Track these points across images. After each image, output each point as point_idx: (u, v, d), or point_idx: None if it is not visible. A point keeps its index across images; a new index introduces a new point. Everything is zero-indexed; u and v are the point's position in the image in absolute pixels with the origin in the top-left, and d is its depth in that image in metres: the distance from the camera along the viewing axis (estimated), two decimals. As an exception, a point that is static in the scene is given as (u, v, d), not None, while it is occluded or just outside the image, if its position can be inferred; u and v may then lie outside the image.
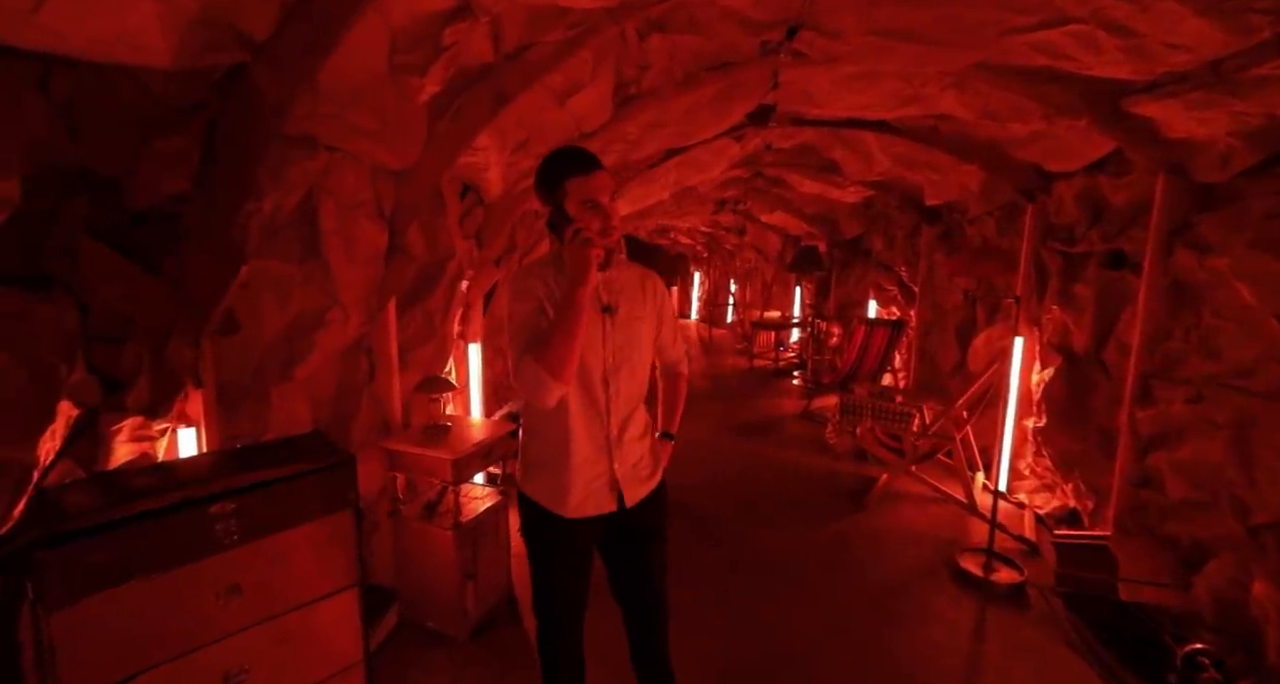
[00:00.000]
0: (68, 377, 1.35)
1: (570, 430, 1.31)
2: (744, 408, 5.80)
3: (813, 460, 4.24)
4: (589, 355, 1.30)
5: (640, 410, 1.44)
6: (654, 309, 1.43)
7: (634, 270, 1.44)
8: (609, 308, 1.34)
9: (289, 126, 1.65)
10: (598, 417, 1.33)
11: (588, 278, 1.18)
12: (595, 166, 1.27)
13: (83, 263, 1.37)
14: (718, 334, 10.94)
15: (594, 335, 1.30)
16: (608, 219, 1.26)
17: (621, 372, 1.35)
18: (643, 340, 1.40)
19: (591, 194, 1.24)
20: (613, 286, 1.36)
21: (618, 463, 1.36)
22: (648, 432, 1.47)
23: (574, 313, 1.17)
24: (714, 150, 3.98)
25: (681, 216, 7.50)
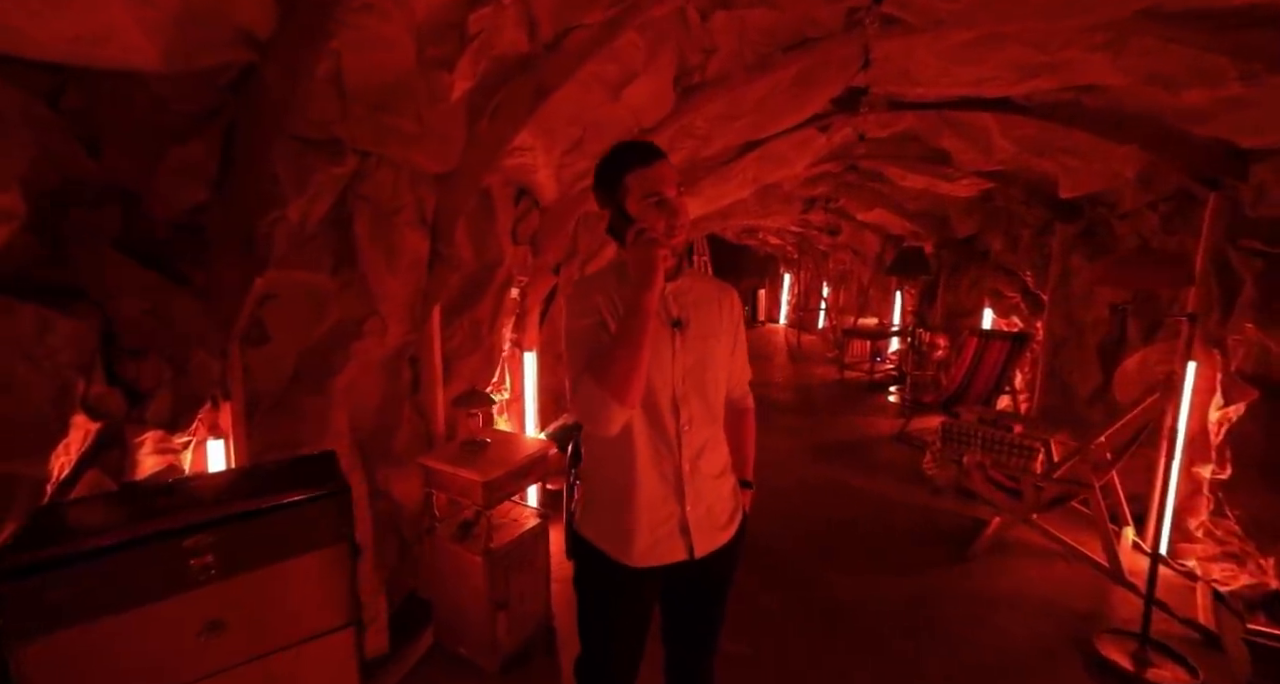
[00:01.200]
0: (86, 390, 1.34)
1: (636, 464, 1.14)
2: (829, 425, 5.29)
3: (906, 493, 3.71)
4: (656, 376, 1.12)
5: (719, 444, 1.24)
6: (730, 327, 1.25)
7: (709, 283, 1.26)
8: (679, 322, 1.16)
9: (313, 130, 1.59)
10: (668, 448, 1.15)
11: (654, 281, 1.01)
12: (656, 156, 1.09)
13: (107, 275, 1.36)
14: (807, 341, 10.27)
15: (662, 353, 1.13)
16: (675, 216, 1.08)
17: (693, 397, 1.16)
18: (717, 362, 1.21)
19: (654, 186, 1.07)
20: (684, 299, 1.19)
21: (690, 504, 1.17)
22: (727, 471, 1.27)
23: (639, 322, 1.00)
24: (796, 143, 3.59)
25: (766, 216, 7.04)
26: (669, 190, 1.08)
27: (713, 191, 3.99)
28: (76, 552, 1.00)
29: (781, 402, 6.19)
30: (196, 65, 1.19)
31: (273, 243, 1.58)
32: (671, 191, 1.08)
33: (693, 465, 1.18)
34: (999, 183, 4.15)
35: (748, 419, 1.44)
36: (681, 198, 1.10)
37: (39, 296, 1.25)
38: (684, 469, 1.16)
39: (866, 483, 3.89)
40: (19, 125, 1.09)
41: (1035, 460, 2.91)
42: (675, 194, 1.09)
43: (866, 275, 8.65)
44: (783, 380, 7.31)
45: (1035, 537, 3.07)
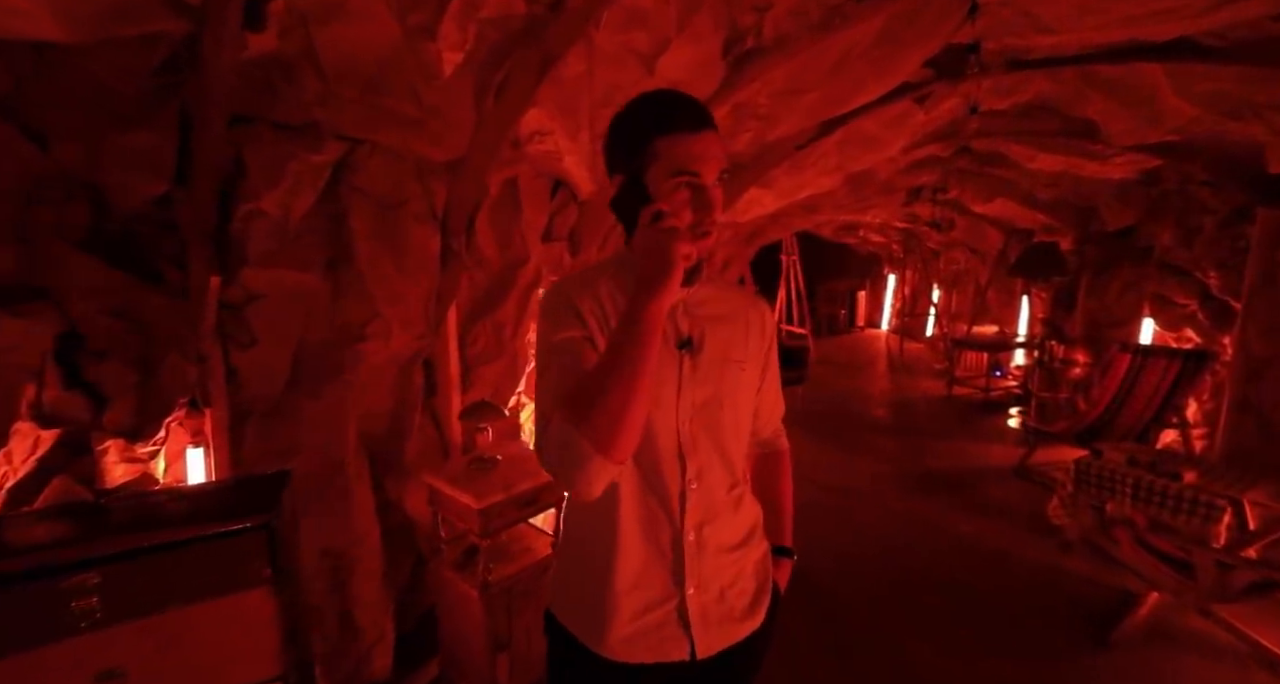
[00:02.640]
0: (38, 395, 1.28)
1: (619, 529, 0.86)
2: (930, 450, 4.55)
3: (1024, 545, 3.00)
4: (655, 414, 0.84)
5: (741, 505, 0.94)
6: (760, 352, 0.96)
7: (735, 293, 0.97)
8: (689, 342, 0.87)
9: (288, 114, 1.44)
10: (665, 511, 0.87)
11: (667, 283, 0.71)
12: (706, 123, 0.80)
13: (70, 274, 1.30)
14: (911, 349, 9.21)
15: (665, 384, 0.85)
16: (709, 209, 0.79)
17: (706, 443, 0.88)
18: (740, 398, 0.92)
19: (692, 163, 0.77)
20: (698, 312, 0.89)
21: (694, 587, 0.87)
22: (754, 538, 0.96)
23: (639, 340, 0.70)
24: (887, 120, 3.04)
25: (863, 210, 6.32)
26: (710, 174, 0.79)
27: (788, 183, 3.52)
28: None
29: (875, 419, 5.49)
30: (113, 34, 1.06)
31: (248, 239, 1.46)
32: (712, 176, 0.79)
33: (700, 535, 0.88)
34: (1170, 158, 3.26)
35: (782, 465, 1.11)
36: (720, 189, 0.81)
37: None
38: (687, 539, 0.87)
39: (973, 526, 3.22)
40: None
41: (1218, 524, 2.16)
42: (716, 181, 0.80)
43: (985, 276, 7.53)
44: (879, 394, 6.53)
45: (1213, 630, 2.29)
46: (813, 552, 2.88)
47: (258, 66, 1.32)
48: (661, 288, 0.71)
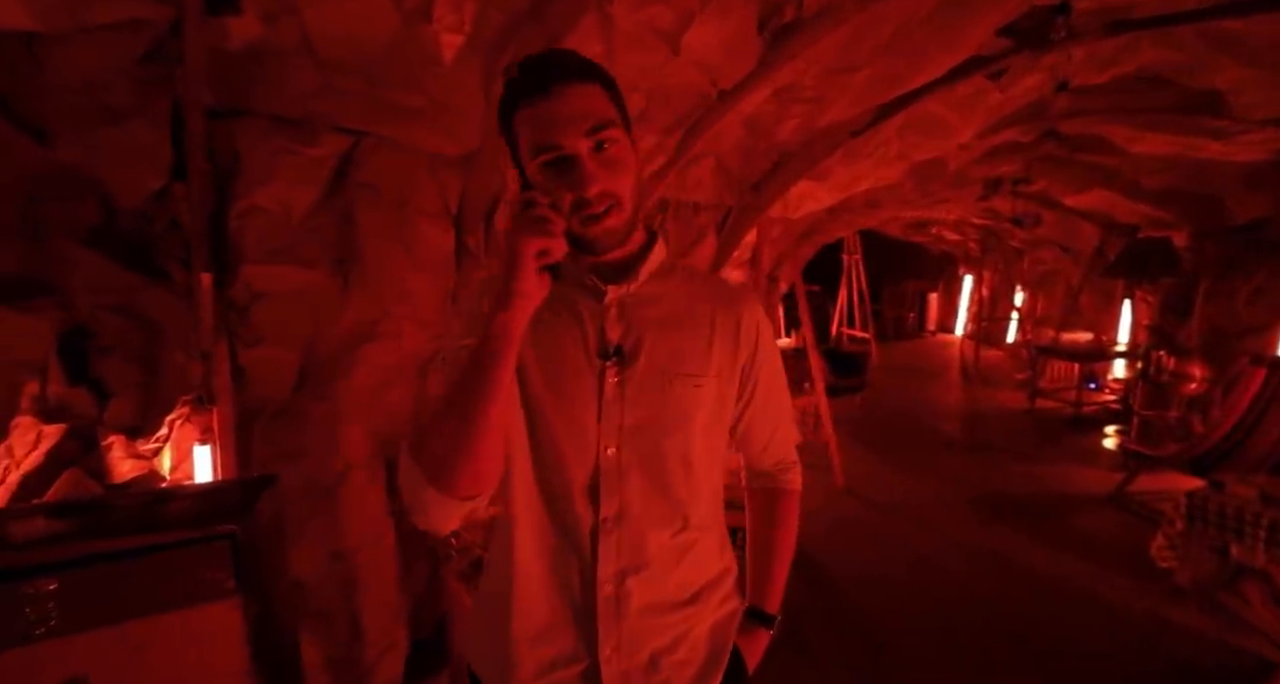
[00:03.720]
0: (42, 389, 1.29)
1: (515, 570, 0.73)
2: (1007, 471, 4.08)
3: (1123, 590, 2.57)
4: (566, 440, 0.71)
5: (692, 552, 0.76)
6: (731, 362, 0.77)
7: (703, 287, 0.80)
8: (618, 351, 0.72)
9: (283, 106, 1.40)
10: (575, 554, 0.72)
11: (512, 290, 0.60)
12: (556, 78, 0.63)
13: (75, 271, 1.30)
14: (989, 357, 8.45)
15: (581, 402, 0.71)
16: (584, 184, 0.63)
17: (635, 475, 0.72)
18: (695, 420, 0.74)
19: (547, 134, 0.63)
20: (638, 314, 0.74)
21: (611, 648, 0.72)
22: (708, 596, 0.78)
23: (481, 361, 0.61)
24: (957, 101, 2.71)
25: (933, 206, 5.82)
26: (572, 139, 0.63)
27: (843, 174, 3.24)
28: None
29: (943, 433, 5.02)
30: (89, 22, 1.03)
31: (246, 236, 1.43)
32: (578, 140, 0.63)
33: (621, 587, 0.72)
34: (1313, 135, 2.72)
35: (782, 508, 0.90)
36: (614, 151, 0.65)
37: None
38: (602, 591, 0.71)
39: (1055, 563, 2.80)
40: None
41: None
42: (591, 148, 0.64)
43: (1078, 277, 6.77)
44: (949, 405, 6.00)
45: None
46: (860, 584, 2.60)
47: (251, 57, 1.28)
48: (508, 294, 0.59)
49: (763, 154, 2.82)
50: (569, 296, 0.74)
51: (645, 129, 2.13)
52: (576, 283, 0.74)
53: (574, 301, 0.74)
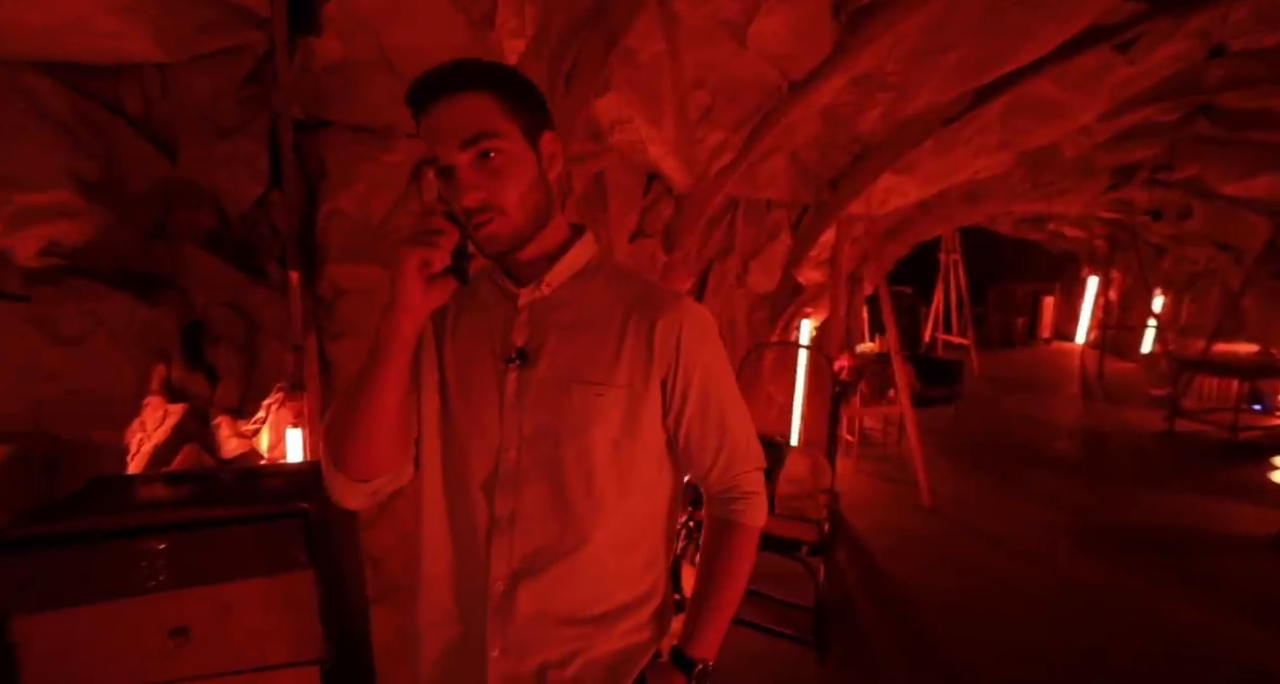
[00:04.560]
0: (168, 373, 1.48)
1: (422, 556, 0.77)
2: (1132, 501, 3.58)
3: (1276, 654, 2.16)
4: (469, 438, 0.73)
5: (600, 568, 0.72)
6: (643, 375, 0.71)
7: (629, 292, 0.75)
8: (522, 354, 0.71)
9: (364, 116, 1.51)
10: (472, 553, 0.73)
11: (396, 297, 0.63)
12: (439, 90, 0.64)
13: (192, 269, 1.49)
14: (1116, 369, 7.46)
15: (485, 403, 0.72)
16: (460, 194, 0.64)
17: (534, 480, 0.71)
18: (593, 429, 0.70)
19: (431, 146, 0.66)
20: (547, 318, 0.73)
21: (498, 649, 0.71)
22: (621, 620, 0.74)
23: (370, 359, 0.65)
24: (1073, 79, 2.39)
25: (1049, 199, 5.21)
26: (451, 153, 0.64)
27: (934, 166, 2.99)
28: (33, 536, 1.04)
29: (1055, 454, 4.49)
30: (202, 50, 1.17)
31: (330, 237, 1.56)
32: (459, 156, 0.64)
33: (514, 589, 0.71)
34: None
35: (729, 543, 0.78)
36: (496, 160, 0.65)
37: (133, 286, 1.41)
38: (492, 589, 0.71)
39: (1196, 613, 2.39)
40: (73, 128, 1.19)
41: None
42: (472, 159, 0.64)
43: (1239, 278, 5.79)
44: (1065, 422, 5.36)
45: None
46: (940, 613, 2.37)
47: (334, 72, 1.39)
48: (393, 301, 0.63)
49: (841, 147, 2.67)
50: (489, 298, 0.76)
51: (711, 126, 2.09)
52: (495, 285, 0.76)
53: (491, 304, 0.76)
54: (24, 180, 1.19)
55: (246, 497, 1.22)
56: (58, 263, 1.29)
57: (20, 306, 1.26)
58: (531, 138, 0.67)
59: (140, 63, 1.18)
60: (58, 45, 1.05)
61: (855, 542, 2.96)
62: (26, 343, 1.26)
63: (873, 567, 2.74)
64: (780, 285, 3.19)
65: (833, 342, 3.20)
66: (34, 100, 1.17)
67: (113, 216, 1.33)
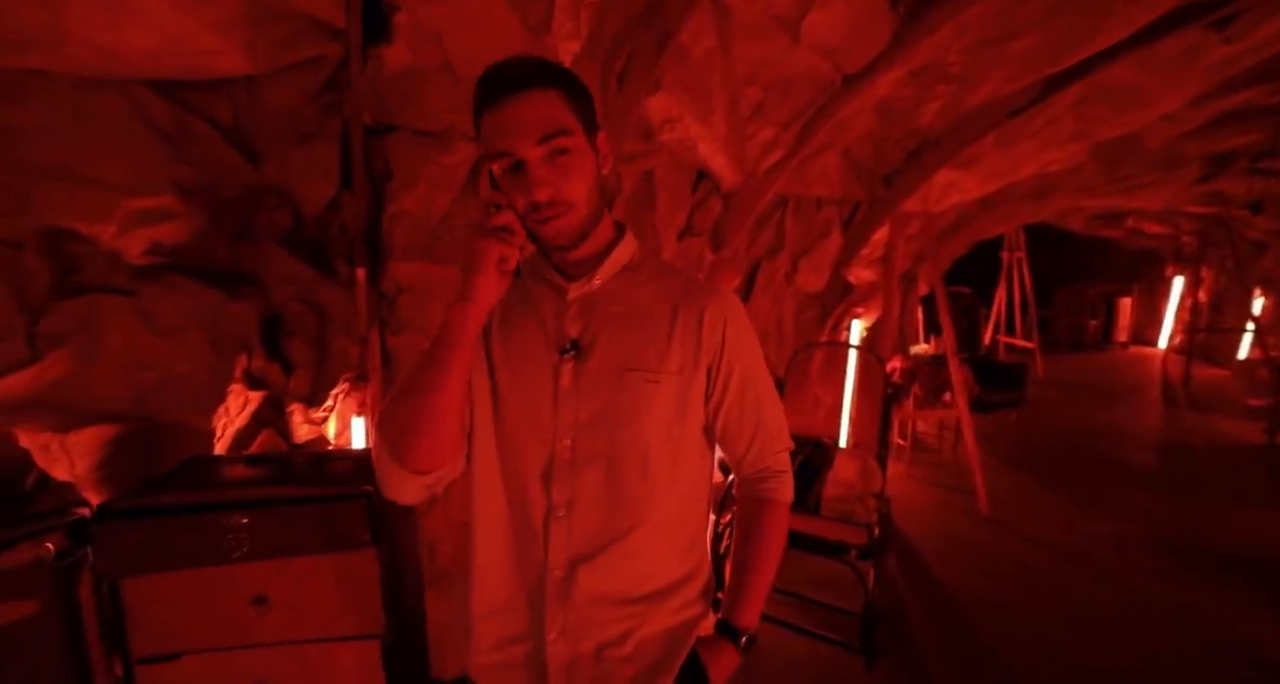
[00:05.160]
0: (249, 363, 1.61)
1: (475, 542, 0.78)
2: (1221, 517, 3.29)
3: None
4: (524, 427, 0.75)
5: (649, 551, 0.76)
6: (692, 362, 0.75)
7: (672, 286, 0.79)
8: (576, 346, 0.74)
9: (427, 121, 1.58)
10: (529, 536, 0.75)
11: (470, 290, 0.65)
12: (513, 86, 0.65)
13: (271, 267, 1.61)
14: (1204, 376, 6.87)
15: (539, 393, 0.74)
16: (530, 191, 0.66)
17: (589, 468, 0.74)
18: (652, 416, 0.74)
19: (500, 140, 0.66)
20: (600, 309, 0.76)
21: (556, 632, 0.74)
22: (667, 598, 0.77)
23: (437, 351, 0.67)
24: (1158, 62, 2.23)
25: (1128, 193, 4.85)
26: (525, 146, 0.65)
27: (997, 161, 2.84)
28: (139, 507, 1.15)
29: (1131, 464, 4.19)
30: (285, 61, 1.26)
31: (394, 236, 1.65)
32: (530, 148, 0.65)
33: (571, 573, 0.74)
34: None
35: (764, 519, 0.83)
36: (566, 158, 0.66)
37: (221, 283, 1.53)
38: (552, 575, 0.74)
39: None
40: (175, 138, 1.31)
41: None
42: (544, 155, 0.66)
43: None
44: (1143, 432, 4.99)
45: None
46: (1001, 628, 2.27)
47: (401, 79, 1.47)
48: (465, 294, 0.65)
49: (897, 142, 2.59)
50: (536, 293, 0.78)
51: (762, 122, 2.07)
52: (542, 280, 0.78)
53: (540, 298, 0.77)
54: (134, 187, 1.32)
55: (316, 478, 1.31)
56: (159, 261, 1.42)
57: (128, 301, 1.40)
58: (590, 137, 0.70)
59: (231, 77, 1.28)
60: (162, 64, 1.16)
61: (906, 548, 2.87)
62: (132, 334, 1.40)
63: (925, 574, 2.64)
64: (830, 284, 3.11)
65: (885, 342, 3.11)
66: (144, 114, 1.30)
67: (206, 219, 1.46)
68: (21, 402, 1.29)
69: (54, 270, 1.34)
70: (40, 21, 0.97)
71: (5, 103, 1.17)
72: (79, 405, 1.36)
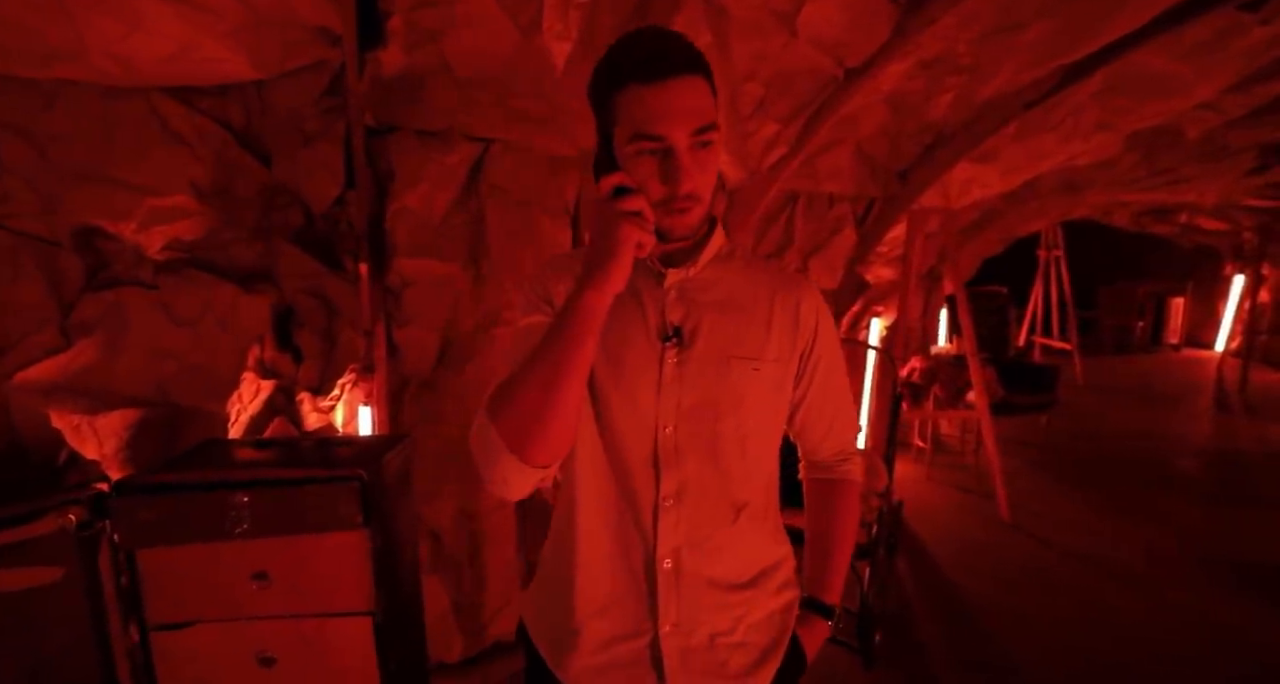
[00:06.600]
0: (261, 353, 1.70)
1: (579, 540, 0.75)
2: (1270, 530, 3.10)
3: None
4: (626, 417, 0.72)
5: (751, 534, 0.78)
6: (790, 349, 0.77)
7: (759, 273, 0.79)
8: (678, 333, 0.73)
9: (429, 121, 1.64)
10: (637, 527, 0.73)
11: (610, 274, 0.61)
12: (668, 70, 0.61)
13: (282, 262, 1.69)
14: (1267, 381, 6.46)
15: (642, 381, 0.72)
16: (678, 182, 0.64)
17: (693, 455, 0.73)
18: (748, 403, 0.74)
19: (651, 124, 0.62)
20: (697, 297, 0.75)
21: (670, 624, 0.73)
22: (768, 581, 0.80)
23: (566, 336, 0.62)
24: (1186, 48, 2.12)
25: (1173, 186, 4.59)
26: (678, 135, 0.62)
27: (1018, 154, 2.75)
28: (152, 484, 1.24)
29: (1174, 472, 3.98)
30: (289, 66, 1.33)
31: (398, 233, 1.71)
32: (683, 137, 0.62)
33: (679, 564, 0.73)
34: None
35: (842, 498, 0.88)
36: (708, 151, 0.65)
37: (236, 277, 1.63)
38: (661, 565, 0.73)
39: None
40: (190, 141, 1.41)
41: None
42: (691, 145, 0.63)
43: None
44: (1190, 439, 4.72)
45: None
46: (1022, 638, 2.19)
47: (403, 81, 1.53)
48: (601, 278, 0.61)
49: (911, 137, 2.53)
50: (630, 280, 0.74)
51: (764, 118, 2.06)
52: (639, 266, 0.74)
53: (634, 284, 0.73)
54: (154, 187, 1.42)
55: (316, 461, 1.38)
56: (178, 256, 1.53)
57: (151, 294, 1.50)
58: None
59: (240, 82, 1.37)
60: (175, 72, 1.24)
61: (919, 551, 2.80)
62: (154, 325, 1.50)
63: (935, 577, 2.58)
64: (843, 283, 3.07)
65: (900, 342, 3.04)
66: (162, 119, 1.40)
67: (221, 217, 1.55)
68: (54, 385, 1.40)
69: (86, 265, 1.45)
70: (63, 35, 1.06)
71: (40, 112, 1.29)
72: (106, 390, 1.47)
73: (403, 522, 1.54)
